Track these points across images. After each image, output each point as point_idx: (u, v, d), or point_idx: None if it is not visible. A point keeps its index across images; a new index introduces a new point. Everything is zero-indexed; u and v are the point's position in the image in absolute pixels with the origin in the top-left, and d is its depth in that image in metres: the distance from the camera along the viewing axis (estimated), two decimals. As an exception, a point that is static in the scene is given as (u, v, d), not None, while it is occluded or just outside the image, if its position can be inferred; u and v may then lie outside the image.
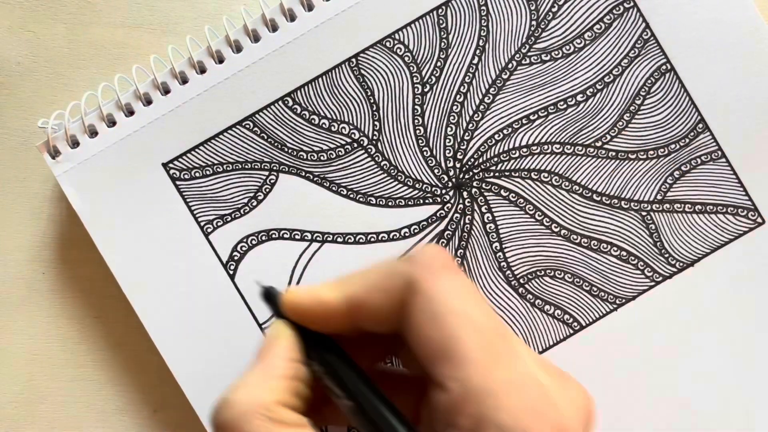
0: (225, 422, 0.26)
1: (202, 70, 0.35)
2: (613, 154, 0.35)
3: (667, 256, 0.35)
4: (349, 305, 0.27)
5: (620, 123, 0.35)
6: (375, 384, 0.27)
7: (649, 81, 0.35)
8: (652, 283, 0.35)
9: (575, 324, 0.35)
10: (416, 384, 0.29)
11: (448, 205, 0.35)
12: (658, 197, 0.35)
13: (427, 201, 0.35)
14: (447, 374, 0.25)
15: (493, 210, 0.35)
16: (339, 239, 0.35)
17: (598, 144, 0.35)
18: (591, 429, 0.27)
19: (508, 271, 0.35)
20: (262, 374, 0.27)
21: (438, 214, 0.35)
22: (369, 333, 0.28)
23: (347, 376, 0.27)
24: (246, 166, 0.35)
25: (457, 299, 0.26)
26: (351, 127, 0.35)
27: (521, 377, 0.25)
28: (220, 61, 0.35)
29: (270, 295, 0.30)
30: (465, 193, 0.35)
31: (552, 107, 0.35)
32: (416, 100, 0.35)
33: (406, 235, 0.35)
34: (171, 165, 0.35)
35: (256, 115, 0.35)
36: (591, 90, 0.35)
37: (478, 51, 0.35)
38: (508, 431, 0.24)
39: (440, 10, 0.35)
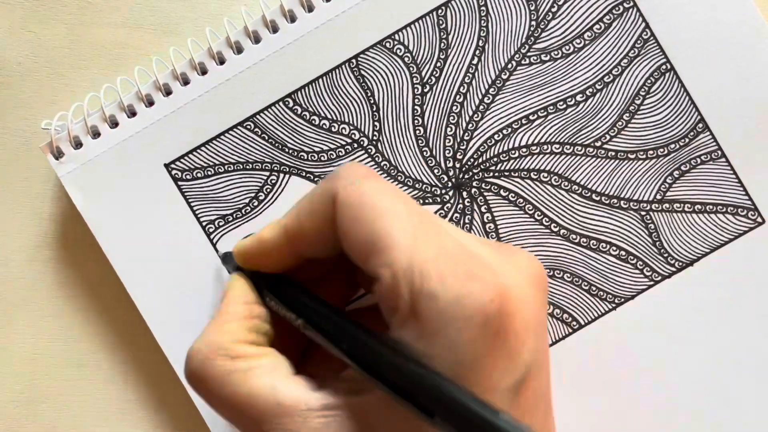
0: (191, 372, 0.27)
1: (203, 72, 0.35)
2: (613, 153, 0.35)
3: (666, 255, 0.35)
4: (287, 237, 0.28)
5: (620, 123, 0.35)
6: (323, 301, 0.28)
7: (649, 81, 0.35)
8: (651, 283, 0.35)
9: (574, 323, 0.35)
10: None
11: (448, 204, 0.35)
12: (658, 197, 0.35)
13: (426, 201, 0.35)
14: (376, 263, 0.25)
15: (493, 210, 0.35)
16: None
17: (598, 144, 0.35)
18: (543, 292, 0.28)
19: (508, 271, 0.35)
20: (215, 322, 0.28)
21: (438, 214, 0.35)
22: (322, 265, 0.30)
23: (293, 299, 0.29)
24: (247, 167, 0.35)
25: (377, 197, 0.26)
26: (351, 127, 0.35)
27: (449, 249, 0.25)
28: (221, 62, 0.35)
29: (226, 257, 0.33)
30: (465, 193, 0.35)
31: (552, 107, 0.35)
32: (416, 100, 0.35)
33: (407, 235, 0.35)
34: (173, 166, 0.35)
35: (257, 116, 0.35)
36: (591, 90, 0.35)
37: (477, 51, 0.35)
38: (440, 299, 0.24)
39: (440, 11, 0.35)
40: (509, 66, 0.35)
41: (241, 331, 0.28)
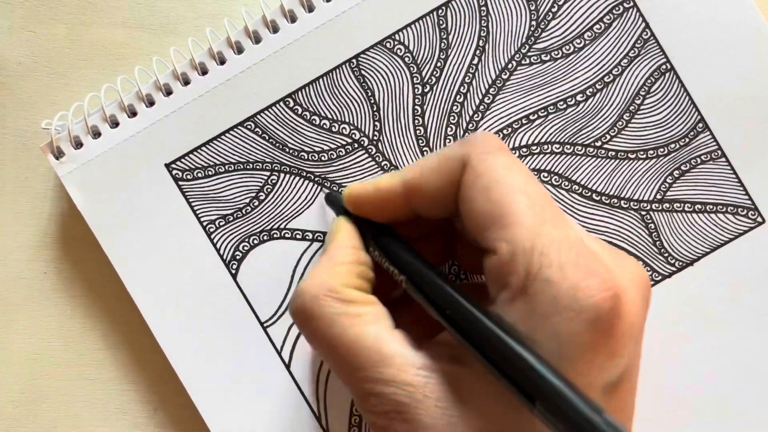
0: (298, 309, 0.28)
1: (204, 72, 0.35)
2: (613, 153, 0.35)
3: (666, 255, 0.35)
4: (407, 189, 0.29)
5: (620, 123, 0.35)
6: (426, 261, 0.28)
7: (649, 81, 0.35)
8: (652, 283, 0.35)
9: (575, 323, 0.35)
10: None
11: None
12: (658, 197, 0.35)
13: (427, 201, 0.35)
14: (496, 236, 0.25)
15: (494, 210, 0.35)
16: (340, 239, 0.35)
17: (598, 144, 0.35)
18: (647, 301, 0.28)
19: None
20: (326, 263, 0.29)
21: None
22: (425, 223, 0.30)
23: (399, 254, 0.29)
24: (248, 167, 0.35)
25: (508, 172, 0.27)
26: (351, 127, 0.35)
27: (571, 239, 0.25)
28: (222, 62, 0.35)
29: (331, 197, 0.34)
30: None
31: (552, 107, 0.35)
32: (416, 100, 0.35)
33: (407, 234, 0.35)
34: (173, 165, 0.35)
35: (258, 116, 0.35)
36: (591, 90, 0.35)
37: (478, 51, 0.35)
38: (555, 286, 0.24)
39: (440, 11, 0.35)
40: (509, 66, 0.35)
41: (350, 275, 0.28)
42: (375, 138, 0.35)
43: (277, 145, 0.35)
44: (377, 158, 0.35)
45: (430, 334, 0.28)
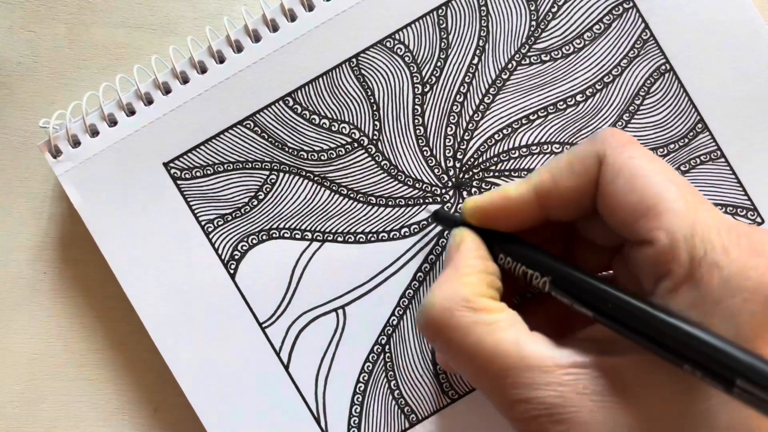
0: (430, 321, 0.27)
1: (203, 70, 0.35)
2: (613, 153, 0.35)
3: (666, 255, 0.35)
4: (539, 193, 0.28)
5: (620, 123, 0.35)
6: (563, 259, 0.28)
7: (649, 81, 0.35)
8: (652, 283, 0.35)
9: (575, 323, 0.35)
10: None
11: (448, 204, 0.35)
12: (658, 197, 0.35)
13: (427, 200, 0.35)
14: (652, 226, 0.25)
15: (493, 210, 0.35)
16: (339, 239, 0.35)
17: (598, 144, 0.35)
18: None
19: (508, 271, 0.35)
20: (454, 274, 0.28)
21: (438, 214, 0.35)
22: (544, 228, 0.30)
23: (538, 256, 0.28)
24: (246, 166, 0.35)
25: (649, 163, 0.26)
26: (351, 126, 0.35)
27: (727, 221, 0.25)
28: (221, 61, 0.35)
29: (440, 213, 0.34)
30: (465, 193, 0.35)
31: (552, 107, 0.35)
32: (416, 100, 0.35)
33: (406, 234, 0.35)
34: (172, 164, 0.35)
35: (257, 115, 0.35)
36: (590, 90, 0.35)
37: (478, 51, 0.35)
38: (724, 268, 0.24)
39: (440, 11, 0.35)
40: (509, 66, 0.35)
41: (480, 285, 0.28)
42: (375, 137, 0.35)
43: (276, 144, 0.35)
44: (377, 158, 0.35)
45: (562, 335, 0.28)
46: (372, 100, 0.35)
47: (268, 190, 0.35)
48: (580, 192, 0.28)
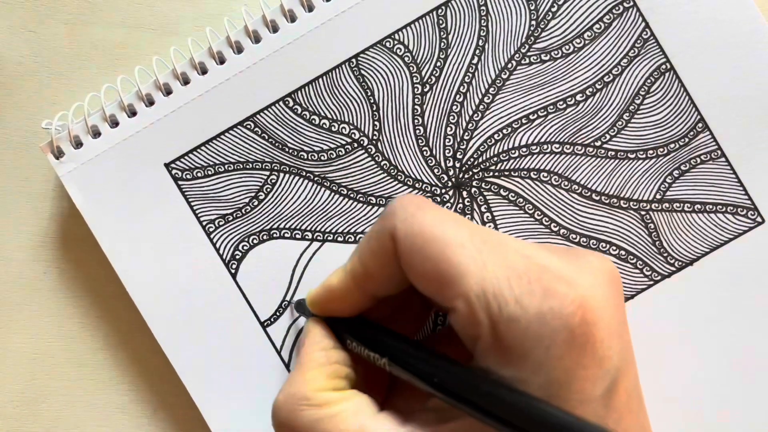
0: (280, 424, 0.28)
1: (204, 71, 0.35)
2: (613, 153, 0.35)
3: (666, 255, 0.35)
4: (355, 279, 0.29)
5: (620, 122, 0.35)
6: (404, 337, 0.29)
7: (649, 80, 0.35)
8: (651, 282, 0.35)
9: (575, 323, 0.35)
10: None
11: (448, 204, 0.35)
12: (658, 196, 0.35)
13: (427, 200, 0.35)
14: (449, 296, 0.25)
15: (493, 209, 0.35)
16: (339, 239, 0.35)
17: (598, 144, 0.35)
18: (618, 290, 0.27)
19: (508, 271, 0.35)
20: (297, 373, 0.29)
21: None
22: (394, 300, 0.30)
23: (374, 339, 0.29)
24: (247, 166, 0.35)
25: (436, 227, 0.26)
26: (351, 127, 0.35)
27: (520, 267, 0.25)
28: (221, 62, 0.35)
29: (299, 305, 0.34)
30: (465, 193, 0.35)
31: (551, 107, 0.35)
32: (416, 100, 0.35)
33: (407, 234, 0.35)
34: (173, 165, 0.35)
35: (257, 116, 0.35)
36: (590, 90, 0.35)
37: (477, 51, 0.35)
38: (521, 320, 0.24)
39: (440, 11, 0.35)
40: (509, 66, 0.35)
41: (321, 378, 0.29)
42: (374, 138, 0.35)
43: (276, 144, 0.35)
44: (377, 158, 0.35)
45: (427, 400, 0.28)
46: (372, 101, 0.35)
47: (268, 190, 0.35)
48: (387, 271, 0.28)
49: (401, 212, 0.27)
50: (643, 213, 0.35)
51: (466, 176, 0.35)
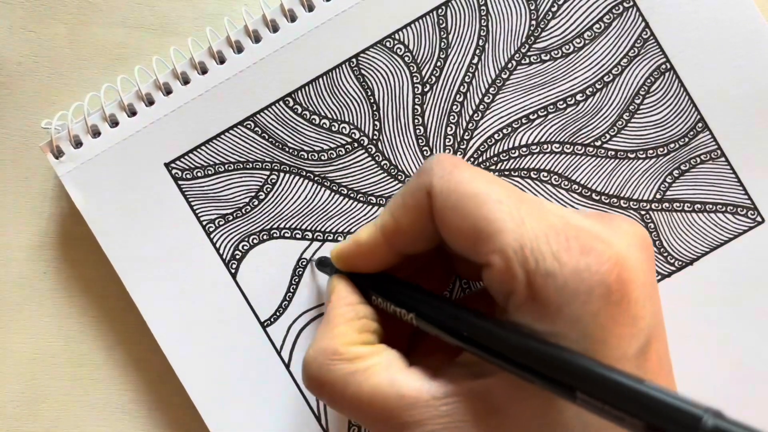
0: (311, 379, 0.28)
1: (204, 71, 0.35)
2: (613, 153, 0.35)
3: (666, 255, 0.35)
4: (385, 234, 0.29)
5: (619, 122, 0.35)
6: (430, 292, 0.29)
7: (649, 80, 0.35)
8: (652, 282, 0.35)
9: (575, 323, 0.35)
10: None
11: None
12: (657, 196, 0.35)
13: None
14: (485, 251, 0.25)
15: (493, 209, 0.35)
16: (339, 239, 0.35)
17: (598, 143, 0.35)
18: (651, 255, 0.27)
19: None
20: (325, 328, 0.29)
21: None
22: (417, 260, 0.31)
23: (401, 294, 0.29)
24: (247, 166, 0.35)
25: (473, 184, 0.27)
26: (351, 126, 0.35)
27: (557, 225, 0.25)
28: (222, 61, 0.35)
29: (321, 262, 0.34)
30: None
31: (551, 107, 0.35)
32: (416, 99, 0.35)
33: (407, 234, 0.35)
34: (173, 165, 0.35)
35: (257, 116, 0.35)
36: (590, 89, 0.35)
37: (477, 51, 0.35)
38: (558, 276, 0.24)
39: (440, 10, 0.35)
40: (509, 65, 0.35)
41: (350, 333, 0.29)
42: (375, 137, 0.35)
43: (276, 144, 0.35)
44: (377, 158, 0.35)
45: (456, 354, 0.28)
46: (372, 100, 0.35)
47: (268, 190, 0.35)
48: (419, 227, 0.28)
49: (438, 169, 0.27)
50: (643, 213, 0.35)
51: (466, 176, 0.35)
